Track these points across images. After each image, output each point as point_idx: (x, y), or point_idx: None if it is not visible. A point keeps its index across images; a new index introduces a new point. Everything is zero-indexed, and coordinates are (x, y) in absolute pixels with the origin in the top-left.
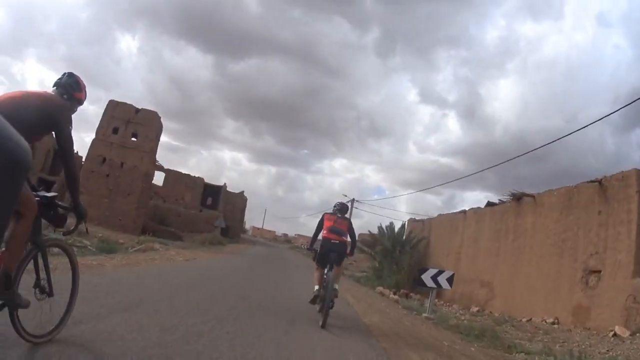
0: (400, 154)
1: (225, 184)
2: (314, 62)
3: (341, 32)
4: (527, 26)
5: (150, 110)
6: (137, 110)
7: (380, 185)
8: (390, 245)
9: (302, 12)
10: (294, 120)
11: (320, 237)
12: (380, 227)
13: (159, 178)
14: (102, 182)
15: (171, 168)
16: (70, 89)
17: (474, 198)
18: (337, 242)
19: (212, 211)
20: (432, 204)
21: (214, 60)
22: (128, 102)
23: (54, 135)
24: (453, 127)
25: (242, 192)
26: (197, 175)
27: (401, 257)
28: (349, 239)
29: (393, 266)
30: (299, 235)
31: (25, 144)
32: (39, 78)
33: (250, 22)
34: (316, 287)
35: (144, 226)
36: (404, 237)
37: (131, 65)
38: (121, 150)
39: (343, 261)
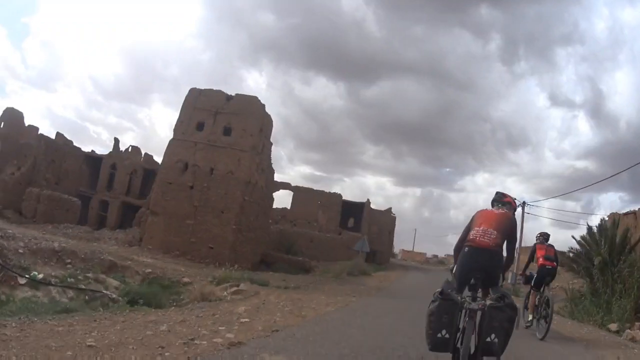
0: (537, 162)
1: (368, 199)
2: (443, 78)
3: (464, 43)
4: (627, 13)
5: (247, 96)
6: (229, 97)
7: (523, 195)
8: (607, 254)
9: (423, 29)
10: (433, 139)
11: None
12: (590, 229)
13: (285, 199)
14: (183, 197)
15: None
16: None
17: (609, 199)
18: (551, 267)
19: (353, 234)
20: (573, 210)
21: (346, 88)
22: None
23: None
24: (583, 129)
25: (390, 208)
26: (334, 192)
27: (623, 270)
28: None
29: (617, 285)
30: (449, 255)
31: None
32: (168, 121)
33: (375, 45)
34: (530, 317)
35: (263, 257)
36: (617, 240)
37: (263, 101)
38: (209, 151)
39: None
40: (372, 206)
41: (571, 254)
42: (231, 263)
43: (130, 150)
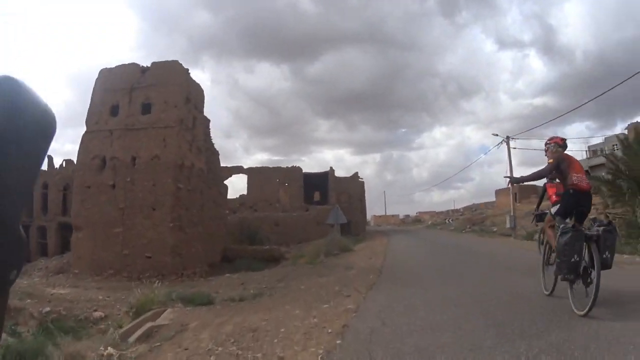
0: (494, 107)
1: (331, 167)
2: (385, 42)
3: (401, 4)
4: None
5: (166, 62)
6: (145, 69)
7: (483, 142)
8: None
9: None
10: (384, 103)
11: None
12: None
13: (238, 187)
14: (105, 200)
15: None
16: None
17: (576, 130)
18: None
19: (322, 207)
20: (539, 148)
21: (290, 69)
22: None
23: None
24: (536, 66)
25: (356, 173)
26: (293, 166)
27: None
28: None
29: None
30: (421, 212)
31: (50, 107)
32: None
33: (312, 22)
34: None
35: (225, 253)
36: None
37: (209, 98)
38: (128, 137)
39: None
40: (337, 174)
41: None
42: (178, 271)
43: (64, 165)
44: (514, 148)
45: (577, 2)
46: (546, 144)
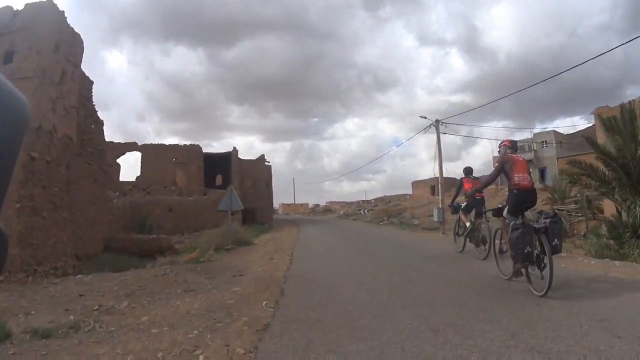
0: (409, 101)
1: (235, 148)
2: (304, 31)
3: None
4: None
5: (37, 2)
6: (17, 13)
7: (397, 136)
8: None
9: None
10: (298, 92)
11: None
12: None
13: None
14: None
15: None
16: None
17: (492, 128)
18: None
19: (223, 191)
20: (452, 143)
21: (206, 53)
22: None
23: None
24: (457, 64)
25: (262, 156)
26: (192, 143)
27: None
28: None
29: None
30: (331, 202)
31: (23, 97)
32: None
33: (232, 7)
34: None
35: (108, 243)
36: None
37: (125, 80)
38: None
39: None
40: (242, 157)
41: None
42: (28, 267)
43: None
44: (444, 133)
45: (506, 6)
46: (499, 145)
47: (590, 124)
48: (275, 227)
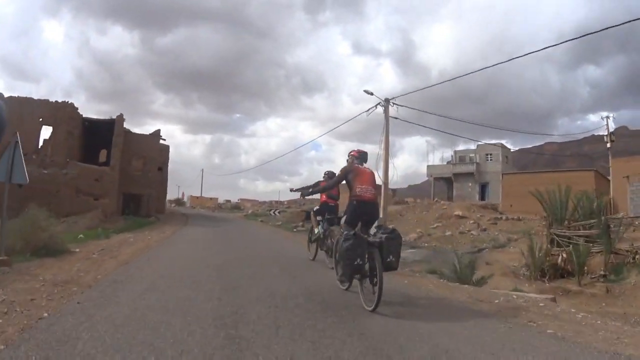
0: (334, 107)
1: (121, 114)
2: (242, 26)
3: None
4: None
5: None
6: None
7: (317, 141)
8: None
9: None
10: (224, 85)
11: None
12: None
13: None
14: None
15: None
16: None
17: (415, 143)
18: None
19: (87, 166)
20: (372, 154)
21: (140, 36)
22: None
23: None
24: (388, 76)
25: (158, 131)
26: (64, 100)
27: None
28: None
29: None
30: (243, 199)
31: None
32: None
33: None
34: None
35: None
36: None
37: (58, 54)
38: None
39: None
40: (138, 131)
41: None
42: None
43: None
44: (396, 118)
45: (448, 25)
46: (348, 155)
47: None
48: (161, 221)
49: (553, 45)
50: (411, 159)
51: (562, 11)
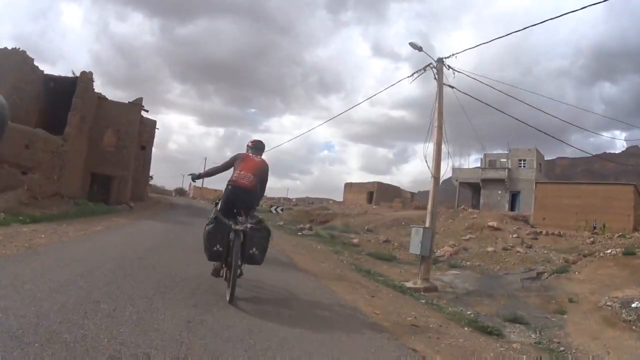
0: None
1: (87, 72)
2: (263, 21)
3: None
4: None
5: None
6: None
7: (330, 140)
8: None
9: None
10: (242, 79)
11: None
12: None
13: None
14: None
15: None
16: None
17: (428, 149)
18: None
19: (27, 129)
20: (384, 157)
21: (160, 25)
22: None
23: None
24: (406, 80)
25: (140, 99)
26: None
27: None
28: None
29: None
30: None
31: (1, 98)
32: None
33: None
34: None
35: None
36: None
37: (76, 37)
38: None
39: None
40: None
41: None
42: None
43: None
44: (451, 87)
45: (468, 33)
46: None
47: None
48: (129, 211)
49: None
50: (423, 165)
51: (581, 27)
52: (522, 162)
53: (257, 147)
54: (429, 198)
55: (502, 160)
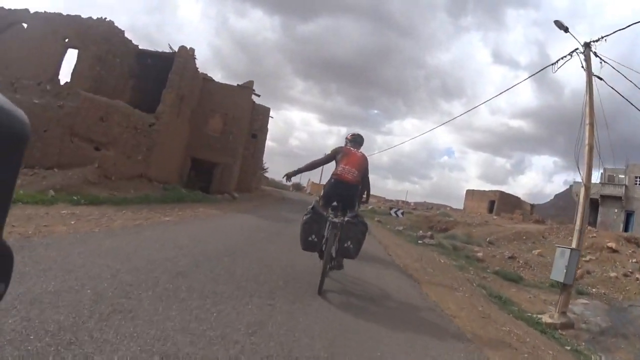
0: (471, 115)
1: (189, 48)
2: (384, 22)
3: None
4: None
5: None
6: None
7: (450, 146)
8: None
9: None
10: (364, 79)
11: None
12: None
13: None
14: None
15: None
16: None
17: (543, 162)
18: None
19: (106, 101)
20: (502, 167)
21: (281, 22)
22: None
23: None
24: (524, 90)
25: (251, 82)
26: (99, 17)
27: None
28: None
29: None
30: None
31: (21, 113)
32: None
33: None
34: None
35: None
36: None
37: (194, 31)
38: None
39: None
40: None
41: None
42: None
43: None
44: (600, 78)
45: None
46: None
47: None
48: (230, 202)
49: None
50: (538, 178)
51: None
52: (638, 179)
53: (356, 140)
54: (577, 211)
55: (620, 176)
